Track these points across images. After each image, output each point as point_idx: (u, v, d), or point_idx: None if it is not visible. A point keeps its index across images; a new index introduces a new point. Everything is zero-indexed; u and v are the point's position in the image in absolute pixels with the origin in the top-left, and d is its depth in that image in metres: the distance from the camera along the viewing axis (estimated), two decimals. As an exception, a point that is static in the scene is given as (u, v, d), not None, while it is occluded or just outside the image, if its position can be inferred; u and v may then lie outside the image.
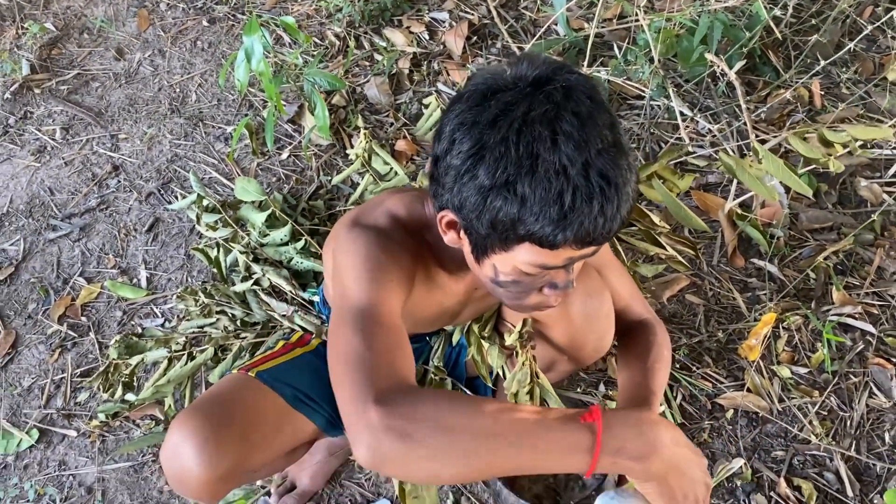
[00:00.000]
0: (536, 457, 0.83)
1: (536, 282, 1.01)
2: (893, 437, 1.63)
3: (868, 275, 1.88)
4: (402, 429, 0.82)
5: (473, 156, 0.88)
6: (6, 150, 2.29)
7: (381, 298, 1.00)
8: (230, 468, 1.17)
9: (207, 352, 1.50)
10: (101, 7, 2.67)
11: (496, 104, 0.87)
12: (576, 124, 0.85)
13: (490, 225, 0.91)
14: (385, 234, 1.08)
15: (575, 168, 0.84)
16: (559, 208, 0.85)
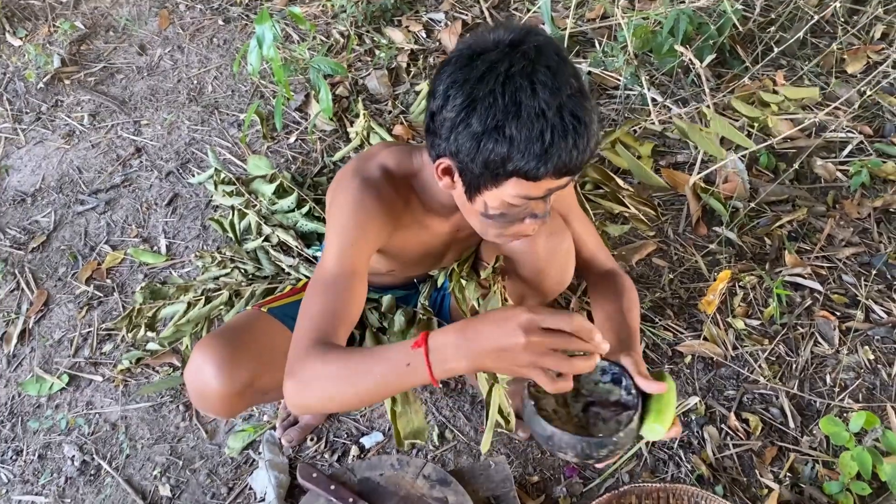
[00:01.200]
0: (389, 381, 1.04)
1: (520, 212, 1.21)
2: (834, 378, 1.82)
3: (819, 241, 2.08)
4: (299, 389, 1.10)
5: (467, 108, 1.08)
6: (39, 134, 2.52)
7: (345, 265, 1.22)
8: (244, 385, 1.37)
9: (223, 295, 1.71)
10: (126, 7, 2.91)
11: (482, 63, 1.07)
12: (549, 75, 1.05)
13: (483, 165, 1.11)
14: (375, 185, 1.29)
15: (551, 111, 1.05)
16: (541, 145, 1.05)
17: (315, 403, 1.13)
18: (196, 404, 1.45)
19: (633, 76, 2.39)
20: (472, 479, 1.58)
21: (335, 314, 1.19)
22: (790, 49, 2.60)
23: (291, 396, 1.11)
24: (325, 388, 1.08)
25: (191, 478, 1.77)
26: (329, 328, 1.17)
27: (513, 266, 1.50)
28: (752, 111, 1.65)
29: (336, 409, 1.15)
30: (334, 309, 1.19)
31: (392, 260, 1.47)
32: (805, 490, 1.63)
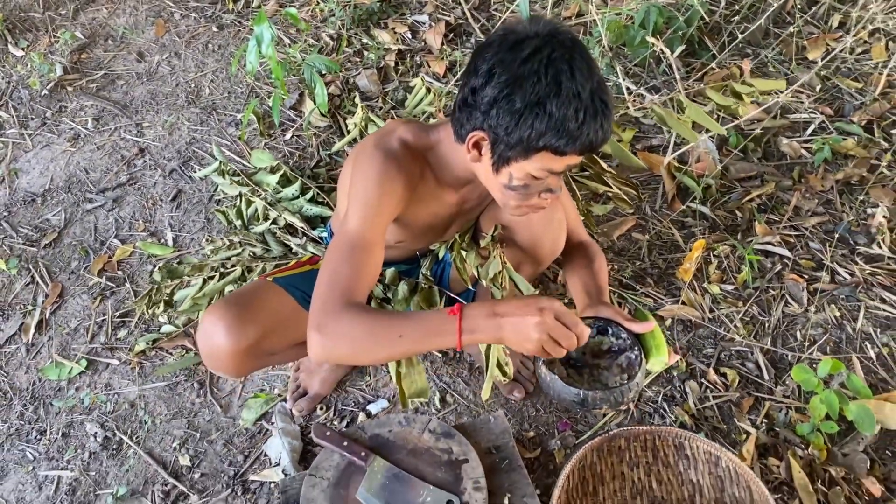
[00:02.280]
0: (416, 342, 1.20)
1: (539, 186, 1.34)
2: (803, 334, 1.97)
3: (786, 212, 2.23)
4: (326, 342, 1.23)
5: (511, 84, 1.22)
6: (45, 139, 2.63)
7: (365, 233, 1.35)
8: (252, 344, 1.50)
9: (236, 271, 1.83)
10: (123, 18, 3.04)
11: (526, 47, 1.21)
12: (584, 63, 1.20)
13: (519, 139, 1.25)
14: (396, 157, 1.42)
15: (586, 93, 1.19)
16: (576, 122, 1.20)
17: (342, 356, 1.27)
18: (208, 364, 1.57)
19: (608, 66, 2.54)
20: (474, 431, 1.70)
21: (359, 275, 1.32)
22: (754, 38, 2.77)
23: (319, 349, 1.24)
24: (354, 344, 1.22)
25: (208, 448, 1.88)
26: (354, 288, 1.29)
27: (510, 235, 1.64)
28: (726, 100, 1.80)
29: (359, 362, 1.30)
30: (358, 270, 1.32)
31: (404, 229, 1.60)
32: (780, 433, 1.77)
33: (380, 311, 1.25)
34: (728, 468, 1.57)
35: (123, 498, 1.80)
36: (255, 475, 1.81)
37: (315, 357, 1.26)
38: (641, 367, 1.27)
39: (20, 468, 1.86)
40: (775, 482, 1.68)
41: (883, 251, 2.13)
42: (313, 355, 1.26)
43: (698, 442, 1.60)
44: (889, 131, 2.45)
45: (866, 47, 2.76)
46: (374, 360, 1.28)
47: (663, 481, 1.59)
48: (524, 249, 1.62)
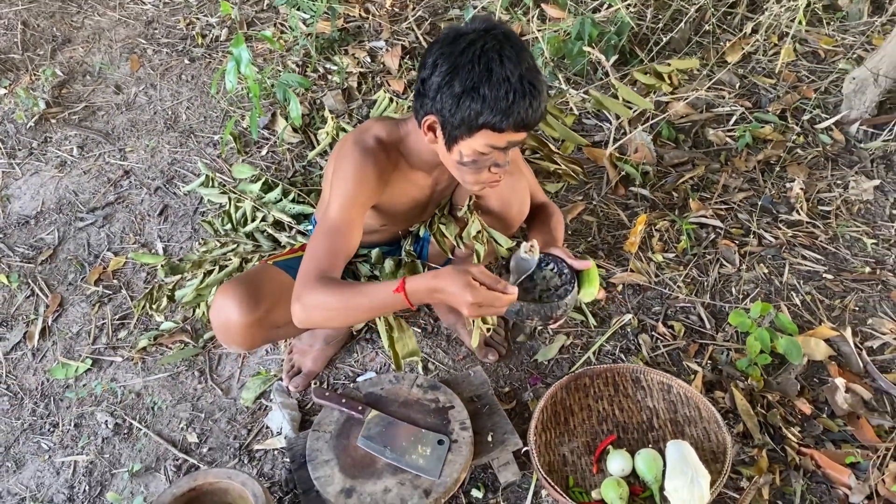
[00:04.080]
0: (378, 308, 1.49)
1: (487, 161, 1.58)
2: (738, 289, 2.24)
3: (716, 190, 2.53)
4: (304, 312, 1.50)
5: (450, 73, 1.47)
6: (33, 167, 2.81)
7: (344, 217, 1.61)
8: (261, 316, 1.71)
9: (234, 263, 2.03)
10: (99, 55, 3.24)
11: (463, 41, 1.47)
12: (513, 52, 1.45)
13: (461, 119, 1.49)
14: (372, 153, 1.65)
15: (514, 77, 1.44)
16: (506, 102, 1.44)
17: (317, 321, 1.55)
18: (221, 337, 1.77)
19: (551, 75, 2.84)
20: (457, 385, 1.92)
21: (335, 255, 1.58)
22: (678, 45, 3.10)
23: (299, 315, 1.52)
24: (326, 312, 1.50)
25: (213, 426, 2.05)
26: (330, 265, 1.56)
27: (482, 203, 1.88)
28: (649, 80, 2.09)
29: (331, 326, 1.63)
30: (335, 250, 1.59)
31: (384, 215, 1.83)
32: (723, 370, 2.02)
33: (347, 284, 1.52)
34: (679, 394, 1.81)
35: (139, 473, 1.95)
36: (259, 444, 1.99)
37: (297, 323, 1.53)
38: (572, 292, 1.52)
39: (37, 458, 2.01)
40: (722, 411, 1.93)
41: (802, 217, 2.43)
42: (296, 321, 1.53)
43: (652, 374, 1.84)
44: (800, 117, 2.78)
45: (776, 49, 3.11)
46: (343, 324, 1.60)
47: (624, 409, 1.82)
48: (495, 215, 1.86)
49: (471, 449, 1.73)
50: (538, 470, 1.63)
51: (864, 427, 1.86)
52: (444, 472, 1.69)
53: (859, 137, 2.70)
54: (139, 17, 3.50)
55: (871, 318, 2.14)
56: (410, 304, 1.46)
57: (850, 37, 3.14)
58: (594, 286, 1.55)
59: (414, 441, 1.75)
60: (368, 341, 2.19)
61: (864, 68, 2.60)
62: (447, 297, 1.43)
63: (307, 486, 1.73)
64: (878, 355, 2.05)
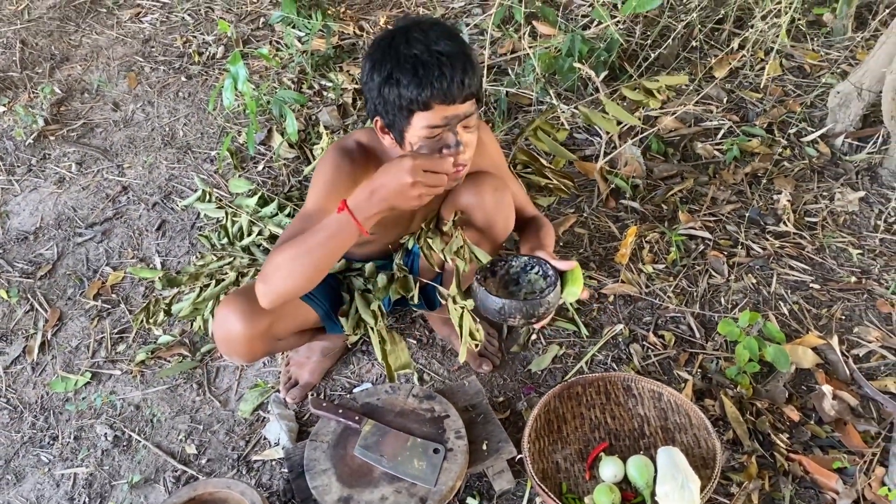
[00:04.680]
0: (330, 244, 1.49)
1: (436, 144, 1.59)
2: (727, 299, 2.29)
3: (705, 202, 2.58)
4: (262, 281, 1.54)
5: (371, 70, 1.54)
6: (32, 183, 2.84)
7: (319, 205, 1.64)
8: (263, 329, 1.75)
9: (230, 276, 2.07)
10: (97, 73, 3.29)
11: (381, 40, 1.54)
12: (420, 33, 1.50)
13: (391, 109, 1.53)
14: (349, 153, 1.71)
15: (419, 52, 1.48)
16: (415, 77, 1.48)
17: (280, 287, 1.52)
18: (223, 349, 1.80)
19: (542, 90, 2.89)
20: (452, 394, 1.96)
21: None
22: (666, 61, 3.16)
23: (261, 289, 1.52)
24: (283, 271, 1.50)
25: (212, 437, 2.08)
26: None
27: (468, 218, 1.92)
28: (637, 96, 2.14)
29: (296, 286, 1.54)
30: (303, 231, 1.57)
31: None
32: (712, 378, 2.06)
33: (294, 238, 1.53)
34: (670, 401, 1.85)
35: (138, 485, 1.98)
36: (257, 455, 2.02)
37: (264, 301, 1.54)
38: (555, 291, 1.55)
39: (37, 471, 2.03)
40: (711, 418, 1.96)
41: (789, 228, 2.48)
42: (262, 300, 1.54)
43: (643, 382, 1.88)
44: (786, 131, 2.84)
45: (763, 64, 3.17)
46: (304, 279, 1.52)
47: (616, 416, 1.86)
48: (481, 229, 1.90)
49: (466, 457, 1.77)
50: (532, 477, 1.66)
51: (851, 433, 1.90)
52: (440, 481, 1.72)
53: (844, 150, 2.75)
54: (136, 36, 3.55)
55: (858, 326, 2.18)
56: (357, 221, 1.46)
57: (835, 52, 3.20)
58: (577, 286, 1.58)
59: (410, 450, 1.78)
60: (365, 353, 2.23)
61: (848, 83, 2.66)
62: (388, 193, 1.43)
63: (305, 496, 1.76)
64: (864, 363, 2.09)
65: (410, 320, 2.32)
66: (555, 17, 3.13)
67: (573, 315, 2.24)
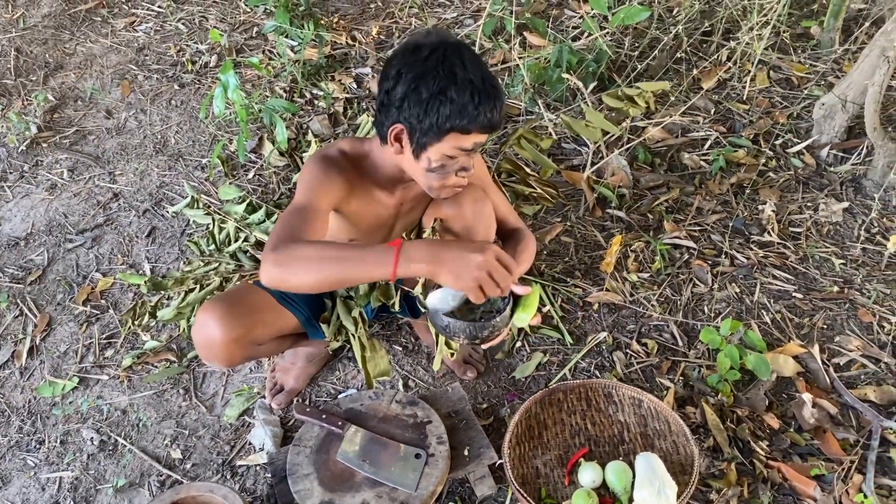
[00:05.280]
0: (360, 267, 1.38)
1: (454, 165, 1.64)
2: (710, 308, 2.31)
3: (690, 212, 2.60)
4: (279, 262, 1.41)
5: (417, 80, 1.53)
6: (24, 189, 2.86)
7: (310, 201, 1.61)
8: (242, 334, 1.76)
9: (215, 282, 2.09)
10: (90, 81, 3.32)
11: (424, 50, 1.54)
12: (472, 57, 1.53)
13: (430, 124, 1.55)
14: (332, 161, 1.72)
15: (477, 79, 1.51)
16: (473, 103, 1.51)
17: (291, 277, 1.41)
18: (202, 354, 1.82)
19: (530, 100, 2.92)
20: (435, 400, 1.97)
21: (302, 228, 1.53)
22: (655, 72, 3.19)
23: (271, 271, 1.39)
24: (301, 266, 1.38)
25: (197, 442, 2.09)
26: (303, 233, 1.51)
27: (448, 226, 1.94)
28: (617, 104, 2.17)
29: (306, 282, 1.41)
30: (301, 225, 1.54)
31: (351, 227, 1.87)
32: (694, 386, 2.08)
33: (327, 242, 1.45)
34: (650, 408, 1.87)
35: (123, 489, 1.99)
36: (241, 460, 2.03)
37: (268, 279, 1.41)
38: (501, 316, 1.53)
39: (22, 474, 2.04)
40: (693, 426, 1.98)
41: (773, 238, 2.51)
42: (267, 278, 1.41)
43: (624, 389, 1.90)
44: (772, 142, 2.87)
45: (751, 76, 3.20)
46: (318, 280, 1.39)
47: (596, 423, 1.87)
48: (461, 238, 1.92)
49: (447, 463, 1.78)
50: (511, 482, 1.68)
51: (830, 441, 1.92)
52: (421, 485, 1.73)
53: (829, 161, 2.78)
54: (131, 44, 3.57)
55: (839, 335, 2.20)
56: (397, 261, 1.33)
57: (822, 64, 3.24)
58: (528, 312, 1.54)
59: (392, 455, 1.80)
60: (350, 360, 2.24)
61: (833, 95, 2.69)
62: (451, 262, 1.32)
63: (287, 500, 1.78)
64: (844, 371, 2.11)
65: (397, 327, 2.33)
66: (545, 28, 3.16)
67: (558, 323, 2.26)
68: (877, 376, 2.10)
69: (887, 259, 2.41)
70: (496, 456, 1.81)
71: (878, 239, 2.50)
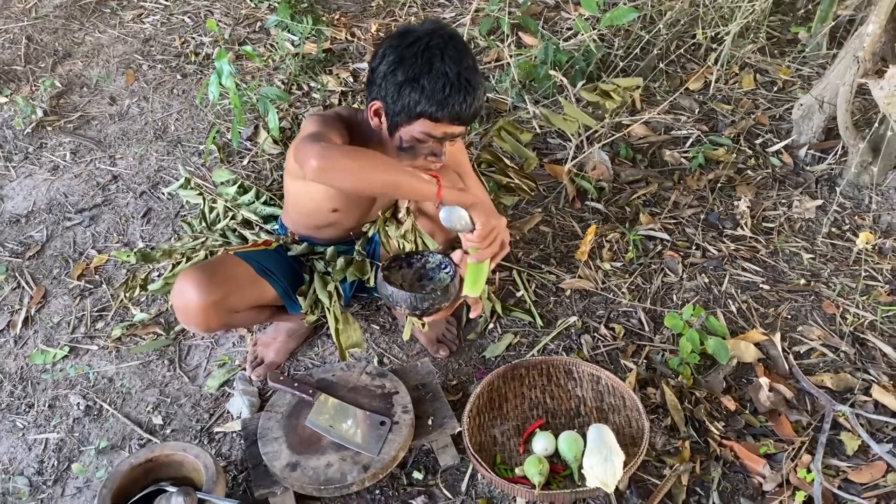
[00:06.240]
0: (405, 180, 1.56)
1: (424, 149, 1.74)
2: (679, 296, 2.38)
3: (667, 206, 2.67)
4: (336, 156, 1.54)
5: (396, 63, 1.64)
6: (28, 170, 2.98)
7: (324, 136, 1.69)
8: (218, 300, 1.85)
9: (200, 254, 2.18)
10: (96, 69, 3.44)
11: (411, 36, 1.64)
12: (455, 51, 1.63)
13: (402, 106, 1.65)
14: (330, 121, 1.81)
15: (452, 73, 1.61)
16: (442, 95, 1.61)
17: (338, 175, 1.55)
18: (180, 318, 1.91)
19: (518, 96, 3.00)
20: (404, 374, 2.05)
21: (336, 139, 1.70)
22: (644, 73, 3.26)
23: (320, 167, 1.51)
24: (357, 161, 1.55)
25: (178, 410, 2.19)
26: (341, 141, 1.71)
27: (423, 207, 2.03)
28: (595, 97, 2.26)
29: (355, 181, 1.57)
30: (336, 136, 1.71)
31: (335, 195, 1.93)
32: (657, 369, 2.15)
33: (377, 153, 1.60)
34: (607, 385, 1.94)
35: (104, 450, 2.08)
36: (219, 427, 2.12)
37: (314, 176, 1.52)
38: (442, 292, 1.67)
39: (11, 435, 2.14)
40: (652, 406, 2.05)
41: (745, 232, 2.57)
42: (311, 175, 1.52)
43: (584, 366, 1.98)
44: (752, 141, 2.93)
45: (737, 78, 3.28)
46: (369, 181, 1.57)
47: (555, 397, 1.95)
48: (434, 220, 2.00)
49: (410, 430, 1.86)
50: (468, 447, 1.76)
51: (784, 423, 1.98)
52: (384, 450, 1.82)
53: (807, 161, 2.84)
54: (137, 35, 3.70)
55: (802, 325, 2.27)
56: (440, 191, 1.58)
57: (808, 68, 3.30)
58: (476, 288, 1.66)
59: (357, 422, 1.88)
60: (329, 337, 2.33)
61: (810, 96, 2.75)
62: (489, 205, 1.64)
63: (257, 461, 1.86)
64: (804, 359, 2.18)
65: (375, 308, 2.42)
66: (536, 27, 3.25)
67: (530, 306, 2.33)
68: (835, 364, 2.16)
69: (855, 255, 2.47)
70: (459, 426, 1.89)
71: (847, 235, 2.57)
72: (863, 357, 2.17)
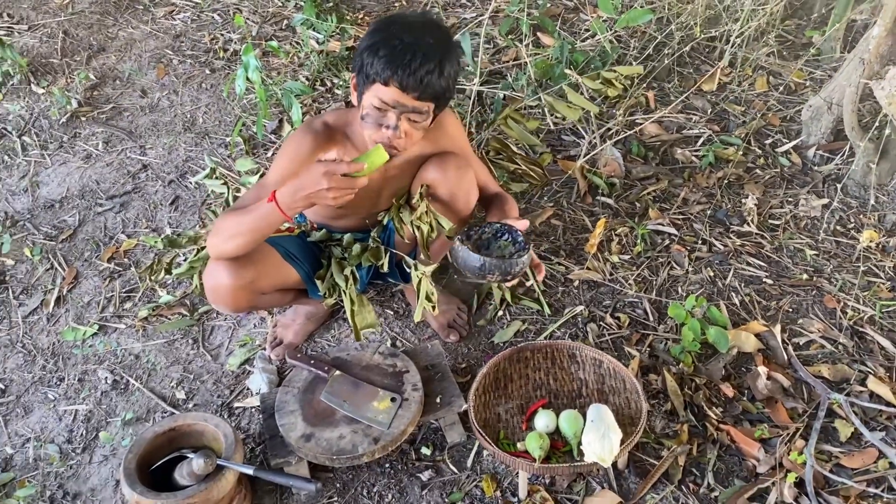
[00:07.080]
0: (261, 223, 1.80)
1: (381, 118, 1.81)
2: (684, 289, 2.45)
3: (676, 202, 2.75)
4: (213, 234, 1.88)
5: (369, 34, 1.76)
6: (62, 158, 3.12)
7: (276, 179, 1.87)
8: (249, 281, 1.96)
9: (224, 239, 2.29)
10: (129, 63, 3.58)
11: (397, 17, 1.76)
12: (420, 30, 1.73)
13: (362, 72, 1.76)
14: (313, 132, 1.93)
15: (408, 41, 1.70)
16: (390, 57, 1.70)
17: (221, 247, 1.86)
18: (210, 298, 2.02)
19: (533, 93, 3.09)
20: (415, 355, 2.15)
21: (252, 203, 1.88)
22: (660, 75, 3.34)
23: (210, 244, 1.87)
24: (225, 235, 1.84)
25: (200, 386, 2.30)
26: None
27: (433, 191, 2.11)
28: (596, 85, 2.36)
29: (234, 248, 1.86)
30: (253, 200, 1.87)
31: None
32: (659, 357, 2.23)
33: (235, 210, 1.85)
34: (609, 368, 2.02)
35: (130, 422, 2.20)
36: (239, 402, 2.23)
37: (212, 252, 1.89)
38: (528, 253, 1.76)
39: (43, 406, 2.26)
40: (654, 391, 2.13)
41: (752, 228, 2.64)
42: (210, 251, 1.89)
43: (587, 351, 2.06)
44: (762, 141, 3.00)
45: (751, 80, 3.34)
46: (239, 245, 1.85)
47: (558, 379, 2.04)
48: (445, 202, 2.08)
49: (420, 407, 1.96)
50: (472, 422, 1.85)
51: (780, 410, 2.05)
52: (394, 425, 1.91)
53: (816, 161, 2.90)
54: (168, 31, 3.83)
55: (803, 318, 2.33)
56: (282, 210, 1.74)
57: (821, 71, 3.36)
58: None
59: (370, 398, 1.98)
60: (345, 321, 2.43)
61: (819, 97, 2.81)
62: (308, 193, 1.71)
63: (273, 433, 1.97)
64: (803, 350, 2.24)
65: (390, 294, 2.52)
66: (553, 27, 3.33)
67: (539, 296, 2.42)
68: (833, 356, 2.22)
69: (858, 252, 2.53)
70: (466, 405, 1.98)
71: (852, 234, 2.62)
72: (861, 350, 2.24)
